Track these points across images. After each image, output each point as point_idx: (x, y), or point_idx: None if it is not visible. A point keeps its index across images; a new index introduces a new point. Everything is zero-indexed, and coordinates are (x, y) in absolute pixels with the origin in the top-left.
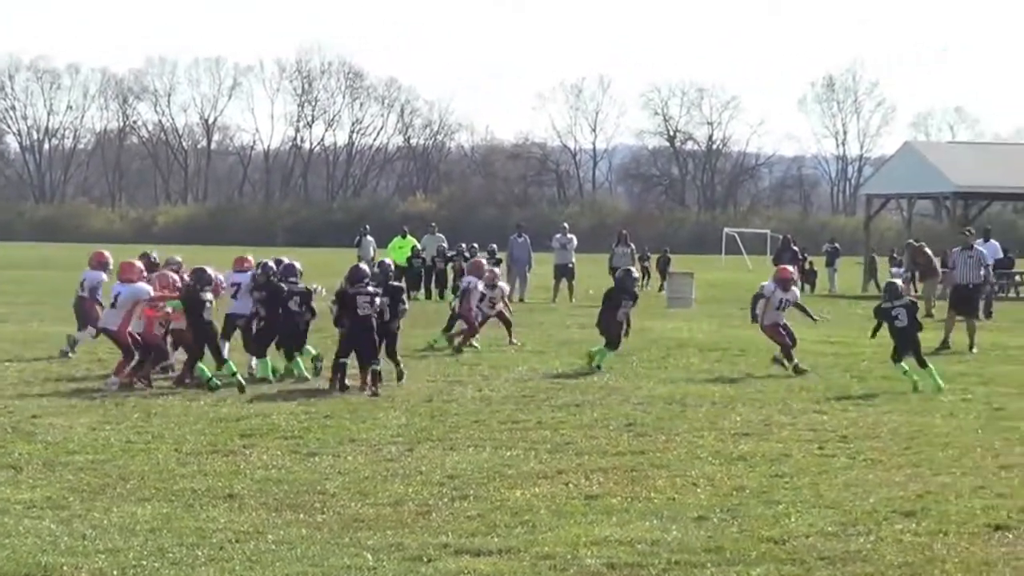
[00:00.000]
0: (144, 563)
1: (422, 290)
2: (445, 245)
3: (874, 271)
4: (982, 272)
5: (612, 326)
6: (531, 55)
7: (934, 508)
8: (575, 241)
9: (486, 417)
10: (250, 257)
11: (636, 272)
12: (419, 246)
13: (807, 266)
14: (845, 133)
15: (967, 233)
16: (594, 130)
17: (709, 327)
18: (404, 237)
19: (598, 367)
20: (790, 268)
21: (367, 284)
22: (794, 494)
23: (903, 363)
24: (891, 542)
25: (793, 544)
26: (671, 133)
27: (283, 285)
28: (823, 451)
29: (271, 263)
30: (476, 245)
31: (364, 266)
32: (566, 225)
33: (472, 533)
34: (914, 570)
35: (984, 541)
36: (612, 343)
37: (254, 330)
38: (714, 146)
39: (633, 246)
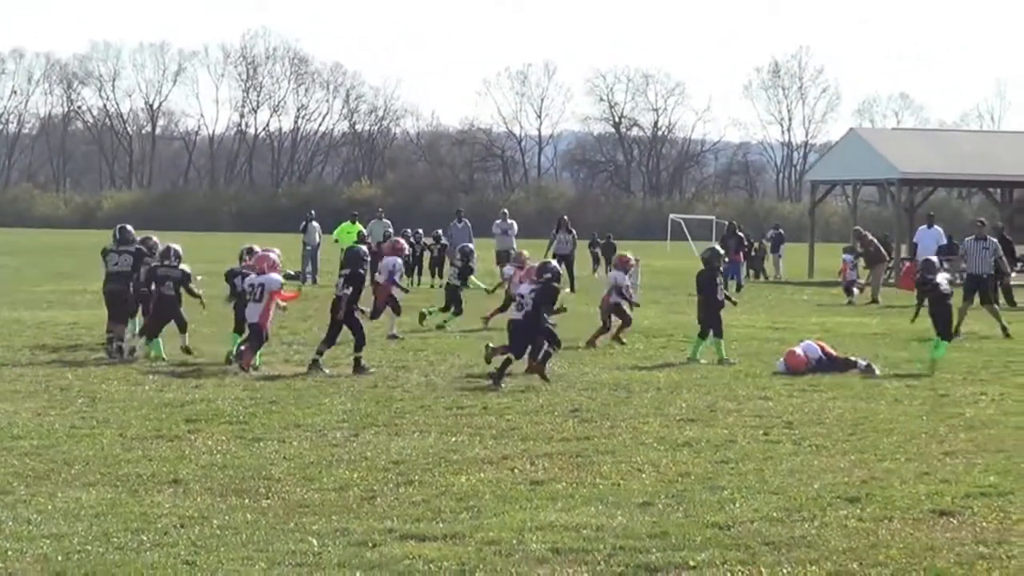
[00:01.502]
0: (89, 548)
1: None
2: (391, 231)
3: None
4: (993, 262)
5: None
6: (477, 41)
7: (878, 494)
8: (516, 227)
9: (431, 403)
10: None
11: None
12: (364, 231)
13: (753, 252)
14: (790, 119)
15: (980, 224)
16: (539, 116)
17: (655, 313)
18: (353, 223)
19: (725, 360)
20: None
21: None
22: (739, 480)
23: (936, 345)
24: (835, 527)
25: (738, 529)
26: (616, 119)
27: (154, 264)
28: (768, 437)
29: (154, 240)
30: (421, 231)
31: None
32: (506, 211)
33: (417, 518)
34: (858, 555)
35: (928, 526)
36: (720, 330)
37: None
38: (659, 132)
39: (575, 232)
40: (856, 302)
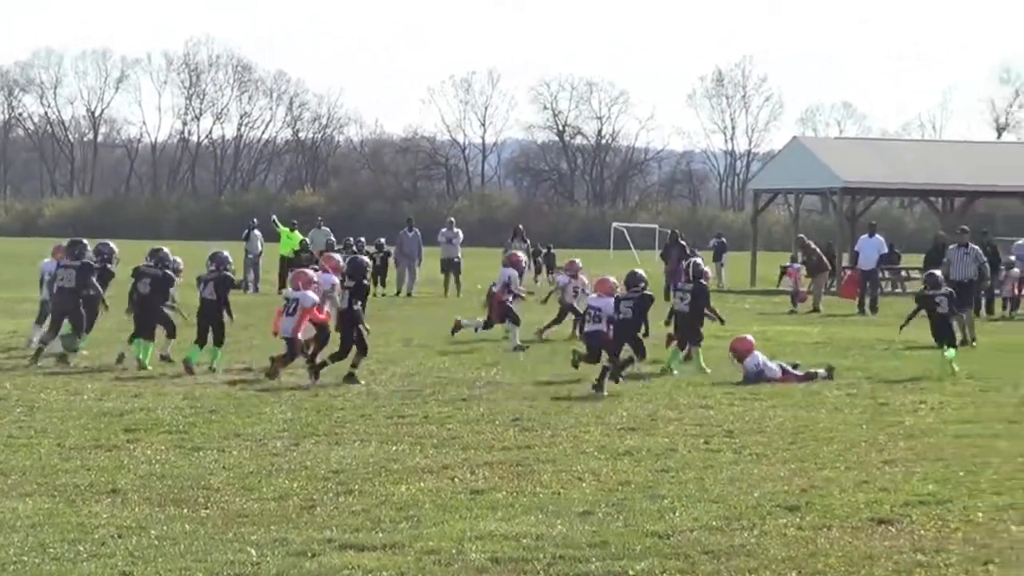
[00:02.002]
0: (25, 559)
1: None
2: (333, 239)
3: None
4: (976, 268)
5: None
6: (421, 49)
7: (818, 502)
8: (461, 235)
9: (372, 412)
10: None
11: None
12: (307, 240)
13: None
14: (734, 128)
15: (962, 231)
16: (483, 124)
17: None
18: (292, 230)
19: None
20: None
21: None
22: (679, 488)
23: (945, 350)
24: (775, 536)
25: (678, 538)
26: (560, 127)
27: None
28: (709, 446)
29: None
30: (363, 239)
31: (364, 259)
32: (452, 219)
33: (357, 528)
34: (797, 564)
35: (867, 535)
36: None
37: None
38: (603, 141)
39: (529, 241)
40: (799, 311)
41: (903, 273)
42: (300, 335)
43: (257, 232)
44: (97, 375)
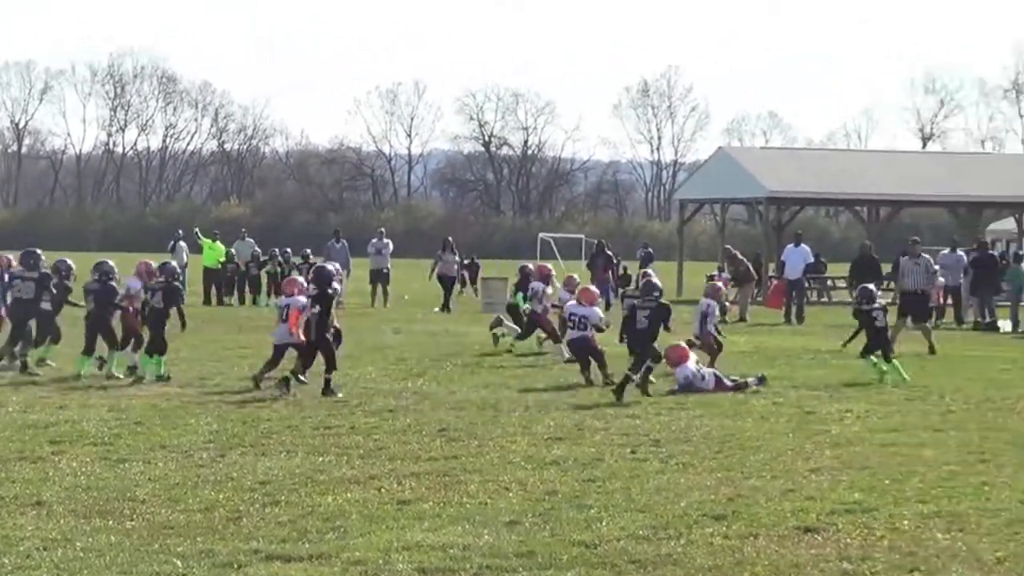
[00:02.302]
0: None
1: (235, 295)
2: (258, 250)
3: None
4: (927, 278)
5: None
6: (346, 60)
7: (744, 511)
8: (391, 246)
9: (298, 423)
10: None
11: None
12: (232, 251)
13: (621, 271)
14: (660, 138)
15: (914, 241)
16: (409, 135)
17: None
18: (214, 241)
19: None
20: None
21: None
22: (606, 498)
23: (872, 357)
24: (702, 545)
25: (605, 548)
26: (486, 138)
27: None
28: (635, 455)
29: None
30: (289, 250)
31: (330, 267)
32: (382, 230)
33: (283, 539)
34: (724, 573)
35: (793, 543)
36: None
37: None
38: (529, 151)
39: (458, 253)
40: (727, 320)
41: (829, 283)
42: (297, 334)
43: (183, 244)
44: (21, 387)
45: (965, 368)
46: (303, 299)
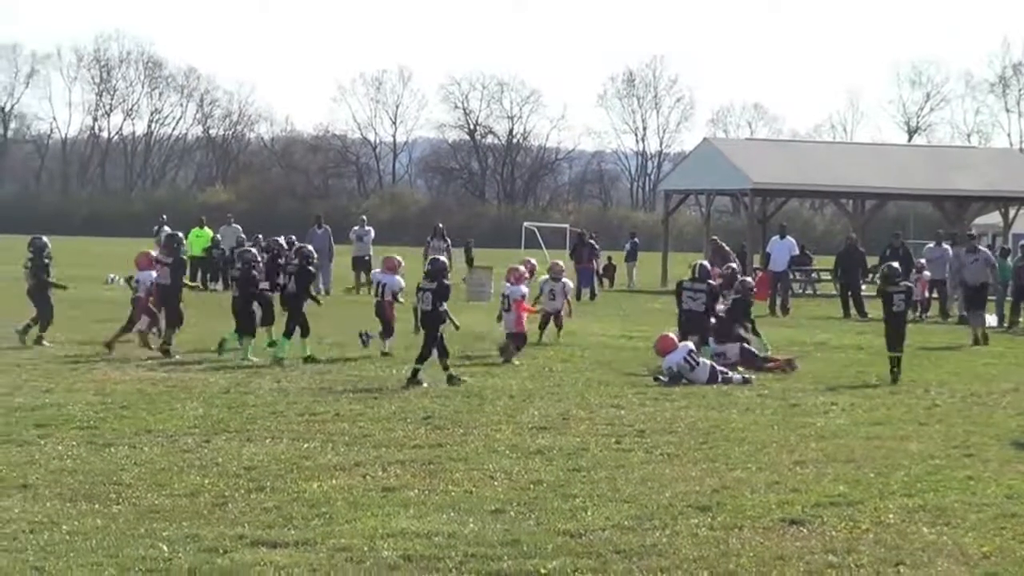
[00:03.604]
0: None
1: (220, 281)
2: (243, 236)
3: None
4: (989, 272)
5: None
6: (332, 46)
7: (729, 502)
8: (372, 233)
9: (284, 408)
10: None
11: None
12: (218, 237)
13: (606, 260)
14: (645, 129)
15: (971, 236)
16: (394, 123)
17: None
18: (202, 228)
19: None
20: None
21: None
22: (591, 488)
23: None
24: (686, 536)
25: (589, 537)
26: (471, 127)
27: None
28: (620, 445)
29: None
30: (281, 238)
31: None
32: (364, 217)
33: (269, 525)
34: (709, 564)
35: (778, 535)
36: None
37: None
38: (514, 140)
39: (449, 240)
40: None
41: (814, 275)
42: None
43: (167, 228)
44: (7, 370)
45: (950, 362)
46: (401, 281)
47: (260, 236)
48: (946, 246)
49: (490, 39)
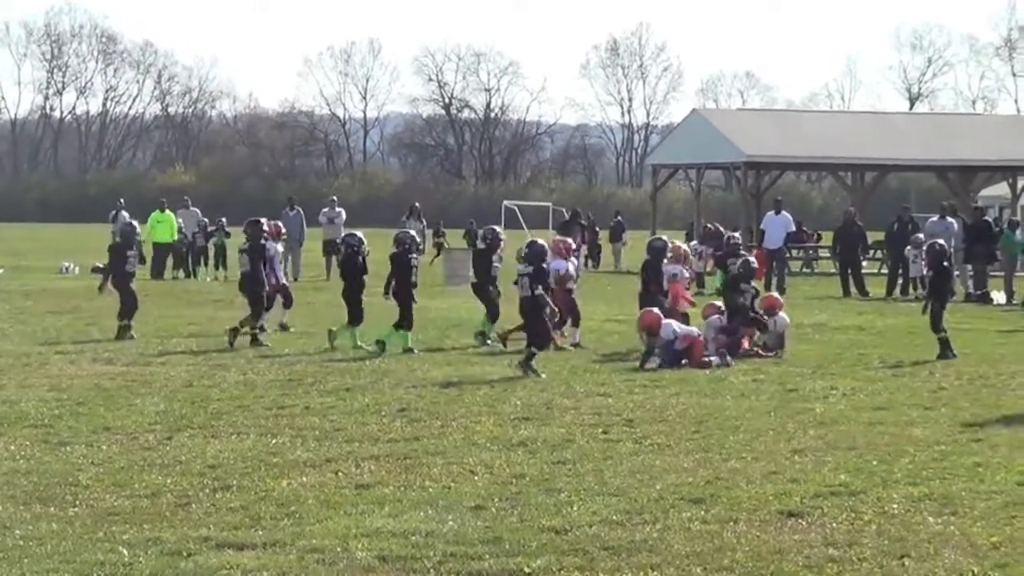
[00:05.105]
0: None
1: (180, 269)
2: (204, 220)
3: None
4: None
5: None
6: (296, 18)
7: (724, 494)
8: (344, 215)
9: (250, 403)
10: None
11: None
12: (180, 222)
13: (597, 240)
14: (631, 100)
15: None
16: (364, 98)
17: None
18: (163, 211)
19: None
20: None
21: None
22: (577, 481)
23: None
24: (679, 530)
25: (576, 534)
26: (446, 100)
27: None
28: (608, 436)
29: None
30: (264, 219)
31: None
32: (334, 198)
33: (235, 526)
34: (703, 559)
35: (776, 528)
36: None
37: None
38: (492, 114)
39: (425, 221)
40: (704, 292)
41: (811, 252)
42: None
43: (124, 213)
44: None
45: (956, 342)
46: (571, 267)
47: (224, 219)
48: (950, 220)
49: (465, 7)
